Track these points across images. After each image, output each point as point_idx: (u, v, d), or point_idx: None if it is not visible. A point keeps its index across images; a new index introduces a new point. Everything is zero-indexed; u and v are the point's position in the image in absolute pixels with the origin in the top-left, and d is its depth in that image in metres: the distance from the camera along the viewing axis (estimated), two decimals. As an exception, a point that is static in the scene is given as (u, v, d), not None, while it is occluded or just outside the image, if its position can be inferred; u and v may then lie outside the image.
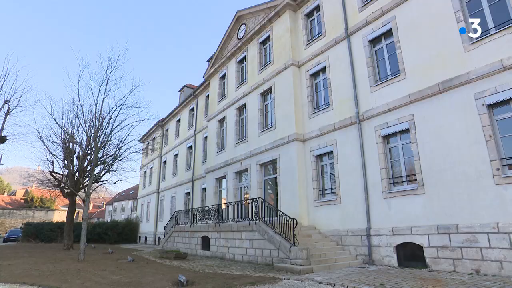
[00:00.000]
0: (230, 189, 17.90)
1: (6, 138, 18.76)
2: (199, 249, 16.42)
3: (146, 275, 9.94)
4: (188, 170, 25.74)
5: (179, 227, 19.45)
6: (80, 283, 8.62)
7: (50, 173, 22.78)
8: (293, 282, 8.19)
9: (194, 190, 24.23)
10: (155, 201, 31.53)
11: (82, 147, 20.34)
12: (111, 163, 19.73)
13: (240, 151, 17.41)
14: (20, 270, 11.07)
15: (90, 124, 17.96)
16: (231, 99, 19.20)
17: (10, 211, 53.58)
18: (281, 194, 14.21)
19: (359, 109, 11.83)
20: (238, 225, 13.74)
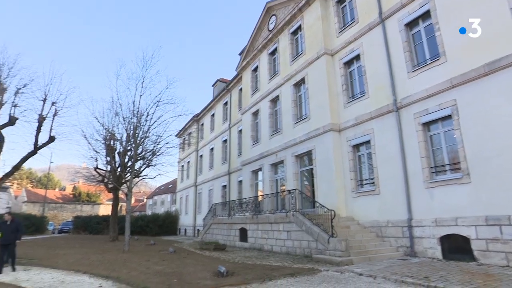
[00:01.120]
0: (266, 181, 18.03)
1: (55, 137, 20.06)
2: (237, 241, 16.74)
3: (188, 266, 10.31)
4: (224, 163, 26.19)
5: (217, 219, 19.91)
6: (127, 272, 9.13)
7: (94, 169, 24.12)
8: (332, 273, 8.16)
9: (230, 183, 24.65)
10: (193, 194, 32.42)
11: (122, 143, 21.29)
12: (150, 158, 20.52)
13: (275, 143, 17.42)
14: (73, 259, 11.92)
15: (129, 121, 18.77)
16: (264, 91, 19.20)
17: (61, 205, 57.57)
18: (318, 185, 14.09)
19: (397, 96, 11.40)
20: (276, 216, 13.83)
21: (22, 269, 9.70)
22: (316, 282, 7.16)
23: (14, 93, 18.69)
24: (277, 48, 18.65)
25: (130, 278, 8.10)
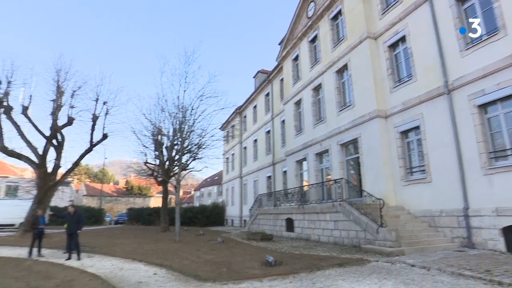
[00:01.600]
0: (311, 171, 17.88)
1: (108, 135, 21.44)
2: (283, 231, 16.85)
3: (236, 255, 10.60)
4: (268, 154, 26.33)
5: (263, 210, 20.15)
6: (179, 261, 9.60)
7: (144, 164, 25.48)
8: (382, 264, 7.96)
9: (275, 174, 24.76)
10: (239, 185, 33.03)
11: (169, 138, 22.21)
12: (196, 152, 21.22)
13: (319, 132, 17.17)
14: (130, 249, 12.76)
15: (174, 116, 19.52)
16: (306, 80, 18.92)
17: (116, 198, 61.57)
18: (365, 174, 13.71)
19: (448, 77, 10.66)
20: (322, 206, 13.72)
21: (86, 256, 10.60)
22: (366, 273, 7.04)
23: (71, 95, 20.25)
24: (317, 35, 18.23)
25: (182, 266, 8.52)
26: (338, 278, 6.70)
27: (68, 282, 6.99)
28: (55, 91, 19.88)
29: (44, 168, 19.35)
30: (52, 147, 19.89)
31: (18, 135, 19.00)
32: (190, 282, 6.75)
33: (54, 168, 19.86)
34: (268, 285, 6.32)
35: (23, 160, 19.47)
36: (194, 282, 6.73)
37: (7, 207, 26.42)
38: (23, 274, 8.19)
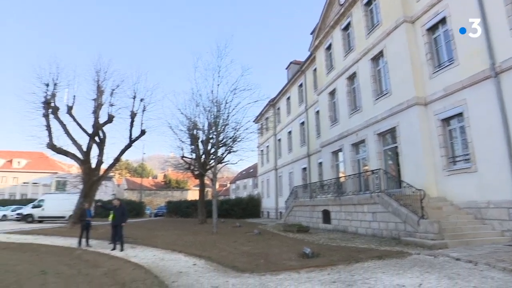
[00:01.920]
0: (347, 162, 17.55)
1: (145, 131, 22.28)
2: (320, 223, 16.74)
3: (273, 247, 10.70)
4: (303, 145, 26.13)
5: (299, 202, 20.10)
6: (217, 252, 9.86)
7: (181, 158, 26.24)
8: (424, 257, 7.71)
9: (310, 165, 24.56)
10: (274, 177, 33.13)
11: (204, 132, 22.69)
12: (231, 145, 21.52)
13: (355, 122, 16.77)
14: (170, 240, 13.27)
15: (209, 110, 19.89)
16: (340, 69, 18.48)
17: (155, 192, 64.10)
18: (404, 164, 13.24)
19: (495, 59, 9.95)
20: (359, 198, 13.46)
21: (129, 247, 11.18)
22: (406, 266, 6.86)
23: (110, 94, 21.22)
24: (350, 22, 17.70)
25: (220, 257, 8.75)
26: (378, 270, 6.59)
27: (114, 271, 7.42)
28: (96, 90, 20.93)
29: (88, 164, 20.52)
30: (95, 144, 21.01)
31: (64, 134, 20.27)
32: (228, 273, 6.92)
33: (97, 163, 21.00)
34: (306, 277, 6.34)
35: (69, 156, 20.74)
36: (232, 273, 6.90)
37: (57, 201, 28.43)
38: (74, 262, 8.82)
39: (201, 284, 5.95)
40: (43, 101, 19.83)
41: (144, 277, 6.52)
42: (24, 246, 11.77)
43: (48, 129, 19.90)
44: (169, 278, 6.48)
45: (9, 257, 9.55)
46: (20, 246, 11.80)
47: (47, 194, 33.22)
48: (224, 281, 6.21)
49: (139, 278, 6.45)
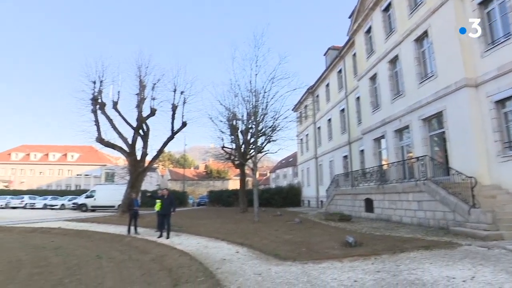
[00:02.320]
0: (390, 149, 16.94)
1: (186, 122, 22.92)
2: (362, 212, 16.40)
3: (315, 236, 10.69)
4: (344, 133, 25.56)
5: (340, 190, 19.80)
6: (259, 240, 10.03)
7: (221, 148, 26.74)
8: (476, 248, 7.32)
9: (351, 153, 24.01)
10: (314, 166, 32.80)
11: (244, 122, 22.92)
12: (271, 134, 21.59)
13: (398, 108, 16.09)
14: (212, 228, 13.69)
15: (248, 101, 20.04)
16: (381, 52, 17.72)
17: (197, 182, 66.11)
18: (452, 150, 12.52)
19: (558, 33, 9.03)
20: (403, 186, 13.00)
21: (174, 235, 11.69)
22: (456, 257, 6.56)
23: (151, 88, 22.03)
24: (391, 2, 16.82)
25: (262, 246, 8.90)
26: (425, 261, 6.37)
27: (161, 257, 7.84)
28: (138, 85, 21.83)
29: (134, 156, 21.58)
30: (139, 136, 22.00)
31: (111, 128, 21.42)
32: (270, 261, 7.04)
33: (142, 155, 22.01)
34: (349, 266, 6.29)
35: (116, 149, 21.92)
36: (275, 261, 7.01)
37: (107, 191, 30.35)
38: (125, 248, 9.42)
39: (244, 271, 6.12)
40: (91, 97, 21.06)
41: (190, 264, 6.81)
42: (81, 233, 12.74)
43: (96, 124, 21.14)
44: (213, 265, 6.72)
45: (69, 242, 10.41)
46: (78, 233, 12.80)
47: (98, 185, 35.54)
48: (266, 268, 6.33)
49: (185, 265, 6.76)
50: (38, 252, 8.53)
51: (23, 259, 7.61)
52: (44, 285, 5.47)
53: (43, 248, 9.05)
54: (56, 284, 5.50)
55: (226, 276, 5.77)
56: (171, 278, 5.85)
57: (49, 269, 6.62)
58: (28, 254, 8.21)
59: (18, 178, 61.50)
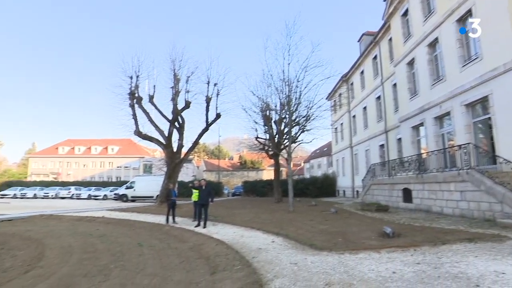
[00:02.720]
0: (429, 136, 16.23)
1: (220, 114, 23.22)
2: (400, 202, 15.93)
3: (351, 226, 10.53)
4: (380, 121, 24.78)
5: (377, 180, 19.32)
6: (294, 230, 10.03)
7: (255, 139, 26.86)
8: (527, 242, 6.88)
9: (388, 142, 23.27)
10: (349, 155, 32.17)
11: (277, 112, 22.86)
12: (305, 124, 21.38)
13: (438, 93, 15.33)
14: (248, 218, 13.86)
15: (281, 90, 19.94)
16: (419, 36, 16.88)
17: (232, 173, 67.06)
18: (498, 137, 11.75)
19: None
20: (445, 175, 12.46)
21: (211, 224, 11.96)
22: (505, 251, 6.21)
23: (185, 81, 22.48)
24: (431, -19, 15.92)
25: (297, 235, 8.90)
26: (469, 254, 6.10)
27: (199, 246, 8.07)
28: (173, 78, 22.37)
29: (170, 148, 22.24)
30: (175, 129, 22.62)
31: (148, 121, 22.19)
32: (306, 251, 7.04)
33: (178, 147, 22.64)
34: (387, 257, 6.16)
35: (153, 142, 22.70)
36: (311, 251, 7.00)
37: (146, 182, 31.58)
38: (164, 236, 9.79)
39: (280, 261, 6.17)
40: (128, 92, 21.87)
41: (226, 252, 6.96)
42: (123, 222, 13.38)
43: (134, 117, 21.98)
44: (249, 254, 6.83)
45: (113, 230, 10.98)
46: (120, 222, 13.45)
47: (137, 176, 37.03)
48: (302, 258, 6.34)
49: (222, 253, 6.92)
50: (85, 239, 9.08)
51: (73, 245, 8.14)
52: (92, 269, 5.83)
53: (90, 236, 9.62)
54: (103, 269, 5.84)
55: (262, 265, 5.85)
56: (208, 266, 6.02)
57: (96, 254, 7.04)
58: (77, 240, 8.76)
59: (65, 171, 65.61)
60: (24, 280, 5.27)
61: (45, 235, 9.66)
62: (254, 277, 4.95)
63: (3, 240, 8.96)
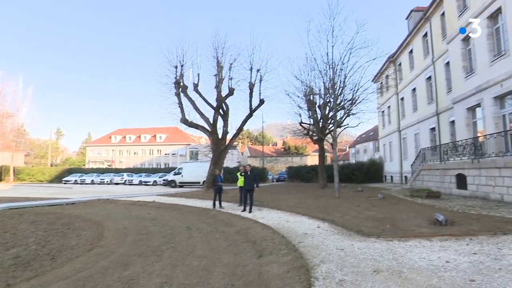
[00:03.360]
0: (487, 118, 15.01)
1: (264, 100, 23.21)
2: (453, 188, 15.06)
3: (400, 212, 10.18)
4: (430, 103, 23.36)
5: (428, 165, 18.39)
6: (340, 216, 9.90)
7: (299, 124, 26.60)
8: None
9: (440, 125, 21.92)
10: (397, 140, 30.83)
11: (321, 96, 22.39)
12: (350, 107, 20.76)
13: (498, 70, 14.06)
14: (293, 203, 13.89)
15: (325, 74, 19.45)
16: (477, 7, 15.47)
17: (276, 158, 67.32)
18: None
19: None
20: (506, 160, 11.55)
21: (256, 209, 12.16)
22: None
23: (228, 68, 22.68)
24: None
25: (343, 221, 8.78)
26: (535, 245, 5.65)
27: (245, 230, 8.25)
28: (216, 66, 22.66)
29: (215, 135, 22.73)
30: (220, 116, 23.02)
31: (193, 109, 22.77)
32: (353, 237, 6.93)
33: (223, 134, 23.07)
34: (439, 245, 5.89)
35: (199, 129, 23.32)
36: (357, 237, 6.88)
37: (193, 168, 32.71)
38: (211, 220, 10.13)
39: (327, 246, 6.13)
40: (174, 81, 22.54)
41: (272, 237, 7.06)
42: (172, 206, 14.02)
43: (180, 106, 22.67)
44: (295, 239, 6.87)
45: (163, 214, 11.56)
46: (170, 206, 14.11)
47: (184, 163, 38.44)
48: (349, 244, 6.26)
49: (268, 237, 7.02)
50: (138, 222, 9.66)
51: (128, 227, 8.70)
52: (146, 250, 6.20)
53: (143, 219, 10.21)
54: (155, 250, 6.19)
55: (308, 250, 5.86)
56: (255, 250, 6.15)
57: (149, 236, 7.47)
58: (131, 223, 9.35)
59: (118, 158, 69.85)
60: (88, 257, 5.76)
61: (103, 217, 10.42)
62: (300, 262, 4.98)
63: (69, 221, 9.82)
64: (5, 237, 7.59)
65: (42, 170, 52.26)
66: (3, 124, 48.02)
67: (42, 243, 6.94)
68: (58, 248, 6.52)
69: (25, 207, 13.47)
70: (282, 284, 4.13)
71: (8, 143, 50.23)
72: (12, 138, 51.11)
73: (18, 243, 6.98)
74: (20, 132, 54.79)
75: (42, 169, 53.57)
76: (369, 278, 4.27)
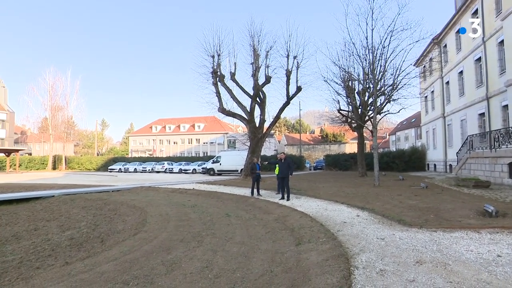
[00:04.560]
0: (546, 102, 13.83)
1: (301, 87, 22.91)
2: (505, 178, 14.10)
3: (444, 202, 9.74)
4: (480, 86, 21.84)
5: (475, 153, 17.33)
6: (380, 205, 9.65)
7: (338, 111, 26.02)
8: None
9: (490, 110, 20.47)
10: (441, 126, 29.26)
11: (361, 82, 21.67)
12: (391, 93, 19.95)
13: (559, 50, 12.83)
14: (331, 192, 13.72)
15: (364, 58, 18.76)
16: (535, -19, 14.14)
17: (313, 146, 66.64)
18: None
19: None
20: None
21: (294, 197, 12.16)
22: None
23: (265, 56, 22.54)
24: None
25: (384, 210, 8.57)
26: None
27: (283, 217, 8.30)
28: (252, 54, 22.59)
29: (253, 123, 22.83)
30: (257, 104, 23.05)
31: (231, 98, 22.98)
32: (394, 226, 6.75)
33: (260, 122, 23.12)
34: (489, 238, 5.58)
35: (236, 118, 23.53)
36: (399, 226, 6.70)
37: (231, 157, 33.19)
38: (249, 208, 10.28)
39: (366, 235, 6.03)
40: (211, 71, 22.82)
41: (311, 225, 7.04)
42: (211, 194, 14.38)
43: (217, 95, 22.95)
44: (334, 227, 6.81)
45: (202, 201, 11.91)
46: (209, 194, 14.48)
47: (222, 151, 39.09)
48: (390, 233, 6.10)
49: (306, 225, 7.02)
50: (179, 208, 10.03)
51: (169, 213, 9.07)
52: (186, 235, 6.44)
53: (183, 206, 10.59)
54: (196, 236, 6.41)
55: (347, 239, 5.80)
56: (293, 237, 6.18)
57: (189, 223, 7.74)
58: (172, 210, 9.73)
59: (158, 147, 72.55)
60: (133, 241, 6.09)
61: (146, 204, 10.93)
62: (339, 250, 4.94)
63: (115, 207, 10.42)
64: (61, 220, 8.24)
65: (89, 159, 55.58)
66: (55, 117, 51.71)
67: (92, 227, 7.45)
68: (106, 232, 6.96)
69: (76, 193, 14.46)
70: (321, 272, 4.13)
71: (59, 134, 54.22)
72: (63, 130, 54.99)
73: (72, 226, 7.55)
74: (69, 124, 58.62)
75: (90, 158, 56.96)
76: (412, 269, 4.15)
